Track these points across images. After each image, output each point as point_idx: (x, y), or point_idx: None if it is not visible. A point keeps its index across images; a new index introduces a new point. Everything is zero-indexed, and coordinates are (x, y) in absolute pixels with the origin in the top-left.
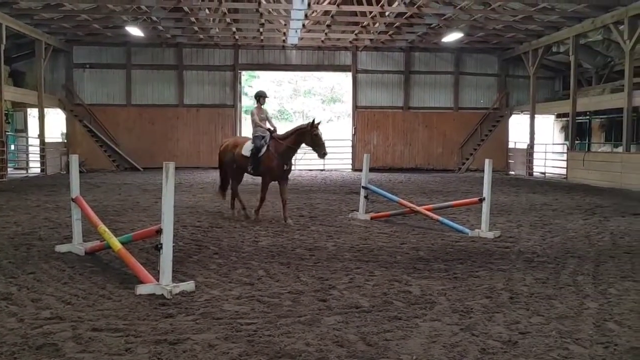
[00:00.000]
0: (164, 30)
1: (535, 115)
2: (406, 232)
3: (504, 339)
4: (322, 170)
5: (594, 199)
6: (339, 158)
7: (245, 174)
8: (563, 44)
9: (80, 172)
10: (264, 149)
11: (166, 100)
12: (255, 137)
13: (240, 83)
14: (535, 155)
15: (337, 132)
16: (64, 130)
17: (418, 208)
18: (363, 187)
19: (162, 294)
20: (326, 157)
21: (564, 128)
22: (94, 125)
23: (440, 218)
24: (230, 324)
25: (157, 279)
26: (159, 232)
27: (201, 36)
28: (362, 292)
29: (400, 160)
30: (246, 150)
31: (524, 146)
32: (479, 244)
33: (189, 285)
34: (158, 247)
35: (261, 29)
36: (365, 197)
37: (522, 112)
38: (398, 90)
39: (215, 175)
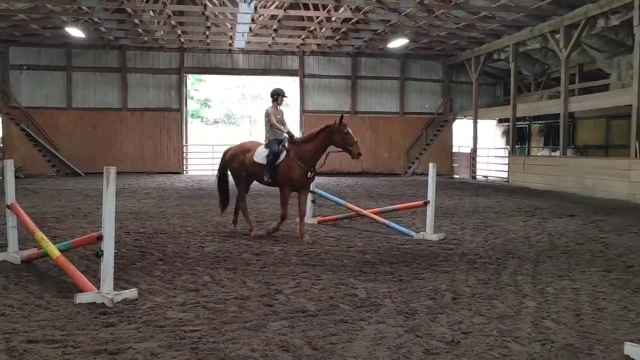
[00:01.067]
0: (107, 32)
1: (478, 120)
2: (353, 235)
3: (447, 339)
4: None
5: (534, 201)
6: None
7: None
8: (503, 51)
9: (16, 177)
10: (282, 155)
11: (109, 103)
12: (271, 141)
13: (185, 86)
14: (478, 159)
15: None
16: (0, 134)
17: (364, 212)
18: (310, 192)
19: (103, 303)
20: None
21: (505, 133)
22: (32, 129)
23: (386, 221)
24: (174, 332)
25: (98, 287)
26: (100, 238)
27: (145, 38)
28: (309, 296)
29: (348, 165)
30: (259, 156)
31: (468, 150)
32: (424, 246)
33: (131, 293)
34: (99, 254)
35: (207, 32)
36: (313, 201)
37: (465, 117)
38: (345, 95)
39: (160, 181)
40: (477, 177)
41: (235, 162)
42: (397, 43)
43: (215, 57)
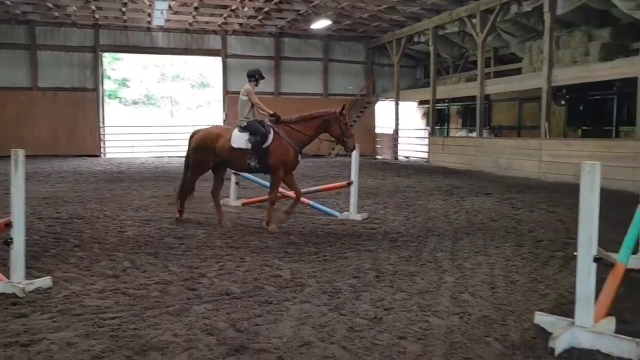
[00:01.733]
0: (12, 6)
1: (400, 102)
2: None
3: (370, 316)
4: None
5: (452, 180)
6: None
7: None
8: (424, 34)
9: None
10: (271, 136)
11: (18, 82)
12: (252, 123)
13: (101, 65)
14: (400, 140)
15: (208, 118)
16: None
17: (288, 193)
18: (234, 174)
19: (14, 293)
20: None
21: (426, 114)
22: None
23: (310, 202)
24: (92, 320)
25: (8, 277)
26: (9, 225)
27: (56, 14)
28: (233, 279)
29: None
30: (238, 141)
31: (390, 131)
32: (348, 226)
33: (45, 282)
34: (8, 242)
35: (124, 9)
36: (237, 183)
37: (387, 98)
38: (268, 76)
39: (76, 164)
40: (399, 157)
41: (202, 151)
42: (320, 24)
43: (133, 35)
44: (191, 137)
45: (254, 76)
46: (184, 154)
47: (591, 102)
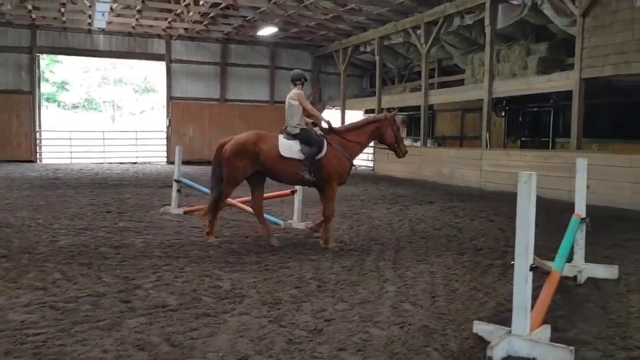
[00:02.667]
0: None
1: (346, 111)
2: (220, 225)
3: (310, 327)
4: (134, 163)
5: (397, 189)
6: (153, 150)
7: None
8: (369, 44)
9: None
10: (324, 148)
11: None
12: (306, 132)
13: (38, 67)
14: None
15: (151, 123)
16: None
17: (232, 201)
18: (175, 181)
19: None
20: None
21: None
22: None
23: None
24: (15, 336)
25: None
26: None
27: None
28: (170, 290)
29: None
30: (290, 150)
31: None
32: (292, 234)
33: None
34: None
35: (62, 9)
36: (178, 190)
37: (333, 107)
38: (214, 82)
39: (9, 169)
40: None
41: (241, 158)
42: (267, 31)
43: (73, 37)
44: (221, 146)
45: (300, 80)
46: (125, 159)
47: (529, 114)
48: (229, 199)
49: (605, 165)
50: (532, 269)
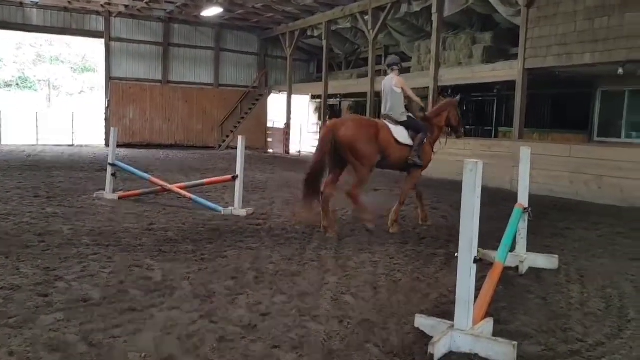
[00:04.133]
0: None
1: (292, 95)
2: (157, 211)
3: (244, 322)
4: (70, 145)
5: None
6: (91, 133)
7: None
8: (317, 28)
9: None
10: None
11: None
12: (413, 119)
13: None
14: (291, 134)
15: (90, 104)
16: None
17: (170, 186)
18: (110, 165)
19: None
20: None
21: (318, 109)
22: None
23: (193, 196)
24: None
25: None
26: None
27: None
28: (95, 282)
29: (159, 137)
30: (400, 136)
31: (282, 125)
32: (231, 221)
33: None
34: None
35: None
36: (113, 174)
37: (280, 91)
38: (156, 63)
39: None
40: (291, 151)
41: (369, 143)
42: (212, 11)
43: (3, 9)
44: (330, 130)
45: (398, 64)
46: (62, 142)
47: (474, 103)
48: (166, 184)
49: (545, 155)
50: (476, 261)
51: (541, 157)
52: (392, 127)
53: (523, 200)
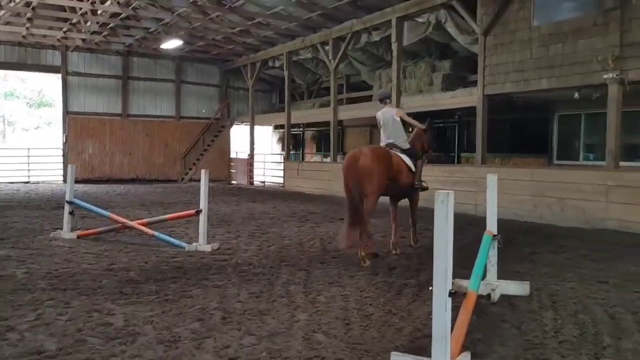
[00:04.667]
0: None
1: (255, 126)
2: (117, 250)
3: None
4: (26, 182)
5: (308, 205)
6: (48, 169)
7: None
8: (278, 59)
9: None
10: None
11: None
12: (412, 146)
13: None
14: (255, 165)
15: (48, 140)
16: None
17: (131, 223)
18: (67, 202)
19: None
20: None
21: (281, 139)
22: None
23: (155, 233)
24: None
25: None
26: None
27: None
28: (50, 331)
29: (120, 171)
30: (409, 162)
31: (245, 156)
32: (196, 258)
33: None
34: None
35: None
36: (71, 212)
37: (242, 122)
38: (116, 97)
39: None
40: (255, 182)
41: (387, 169)
42: (171, 44)
43: None
44: (353, 161)
45: (390, 97)
46: (18, 179)
47: (435, 130)
48: (126, 221)
49: (508, 179)
50: (451, 294)
51: (504, 182)
52: (401, 155)
53: (492, 227)
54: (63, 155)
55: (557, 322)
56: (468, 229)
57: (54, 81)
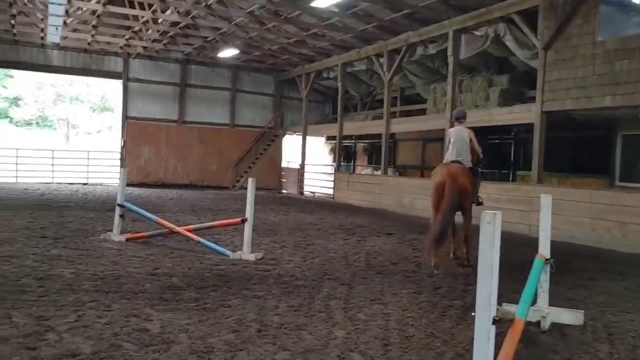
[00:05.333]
0: None
1: (307, 137)
2: (163, 255)
3: None
4: (84, 184)
5: (355, 218)
6: (106, 171)
7: None
8: (332, 70)
9: None
10: None
11: None
12: (469, 164)
13: None
14: (306, 175)
15: (108, 143)
16: None
17: (178, 228)
18: (118, 205)
19: None
20: None
21: (333, 150)
22: None
23: (201, 239)
24: None
25: None
26: None
27: None
28: (88, 334)
29: (174, 176)
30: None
31: (297, 166)
32: (239, 267)
33: None
34: None
35: (13, 22)
36: (121, 215)
37: (295, 132)
38: (173, 103)
39: None
40: (305, 192)
41: (462, 188)
42: (228, 53)
43: (25, 51)
44: (452, 178)
45: (465, 117)
46: (77, 180)
47: (491, 146)
48: (173, 226)
49: (565, 200)
50: (494, 322)
51: (561, 202)
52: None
53: (544, 250)
54: (120, 159)
55: (613, 357)
56: (520, 249)
57: (115, 87)
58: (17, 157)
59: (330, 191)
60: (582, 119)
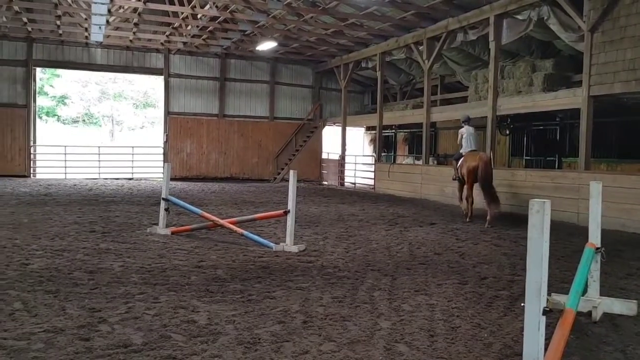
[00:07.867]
0: None
1: (347, 127)
2: (208, 247)
3: None
4: (130, 179)
5: (397, 209)
6: (150, 166)
7: None
8: (371, 60)
9: None
10: None
11: None
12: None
13: (34, 81)
14: (346, 166)
15: (151, 139)
16: None
17: (221, 221)
18: (163, 199)
19: None
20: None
21: (373, 140)
22: None
23: (244, 232)
24: None
25: None
26: None
27: None
28: (138, 325)
29: (215, 170)
30: None
31: (337, 157)
32: (282, 259)
33: None
34: None
35: (59, 22)
36: (166, 209)
37: (334, 124)
38: (213, 98)
39: (1, 185)
40: (345, 183)
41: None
42: (267, 46)
43: (70, 50)
44: (487, 163)
45: (470, 119)
46: (122, 175)
47: (535, 132)
48: (217, 219)
49: (615, 187)
50: (545, 312)
51: (610, 189)
52: None
53: (595, 239)
54: (163, 154)
55: None
56: (568, 239)
57: (157, 83)
58: (65, 154)
59: (371, 182)
60: (632, 103)
